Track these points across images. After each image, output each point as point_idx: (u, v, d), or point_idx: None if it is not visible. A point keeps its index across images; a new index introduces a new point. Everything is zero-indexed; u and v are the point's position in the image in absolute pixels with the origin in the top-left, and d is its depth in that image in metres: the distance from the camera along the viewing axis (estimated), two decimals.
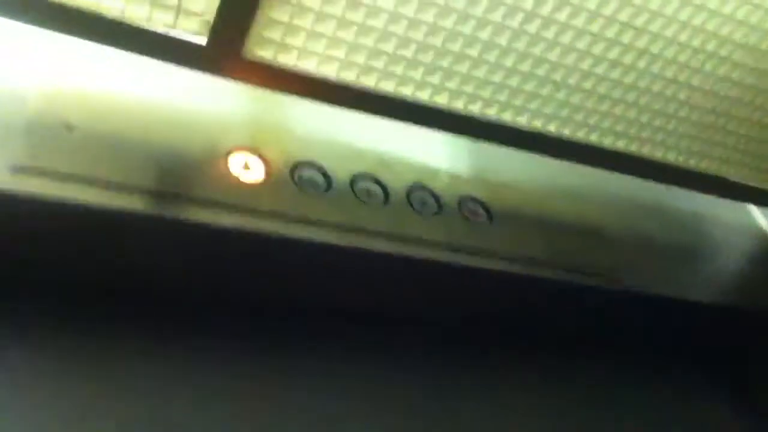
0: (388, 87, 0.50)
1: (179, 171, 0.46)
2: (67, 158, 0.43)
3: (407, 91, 0.50)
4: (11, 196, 0.40)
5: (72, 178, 0.42)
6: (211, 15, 0.44)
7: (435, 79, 0.50)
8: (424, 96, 0.51)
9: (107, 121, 0.46)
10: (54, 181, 0.42)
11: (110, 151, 0.45)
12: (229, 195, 0.47)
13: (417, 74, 0.50)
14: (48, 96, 0.45)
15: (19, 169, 0.41)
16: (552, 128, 0.55)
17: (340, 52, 0.47)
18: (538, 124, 0.55)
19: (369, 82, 0.49)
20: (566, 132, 0.55)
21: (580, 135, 0.55)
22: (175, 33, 0.44)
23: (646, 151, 0.57)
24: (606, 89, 0.53)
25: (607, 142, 0.56)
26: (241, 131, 0.50)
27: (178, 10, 0.43)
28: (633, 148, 0.57)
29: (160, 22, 0.44)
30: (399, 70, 0.49)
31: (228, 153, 0.49)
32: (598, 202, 0.63)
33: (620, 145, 0.56)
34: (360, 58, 0.48)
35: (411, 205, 0.53)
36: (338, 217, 0.49)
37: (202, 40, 0.45)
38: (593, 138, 0.55)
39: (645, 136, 0.56)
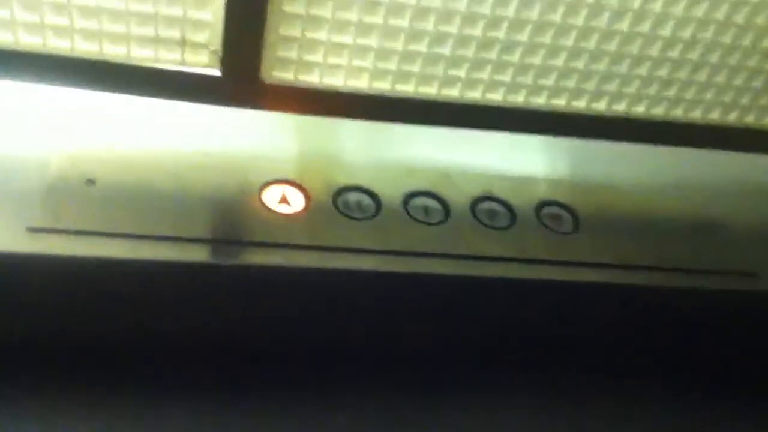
0: (429, 90, 0.44)
1: (209, 215, 0.43)
2: (89, 215, 0.41)
3: (454, 92, 0.44)
4: (29, 258, 0.39)
5: (94, 234, 0.40)
6: (218, 44, 0.40)
7: (483, 74, 0.44)
8: (475, 95, 0.45)
9: (131, 173, 0.43)
10: (75, 239, 0.40)
11: (134, 203, 0.42)
12: (265, 232, 0.43)
13: (461, 72, 0.43)
14: (70, 156, 0.43)
15: (38, 230, 0.40)
16: (639, 109, 0.47)
17: (367, 61, 0.42)
18: (619, 108, 0.47)
19: (407, 88, 0.44)
20: (657, 111, 0.47)
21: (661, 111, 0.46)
22: (186, 69, 0.41)
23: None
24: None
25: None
26: (274, 164, 0.46)
27: (183, 43, 0.40)
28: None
29: (167, 61, 0.41)
30: (438, 70, 0.43)
31: (262, 188, 0.45)
32: (711, 193, 0.53)
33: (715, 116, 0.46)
34: (391, 64, 0.42)
35: (477, 218, 0.47)
36: (389, 241, 0.44)
37: (215, 72, 0.41)
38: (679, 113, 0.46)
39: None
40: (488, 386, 0.48)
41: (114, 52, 0.40)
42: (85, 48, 0.40)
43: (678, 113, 0.47)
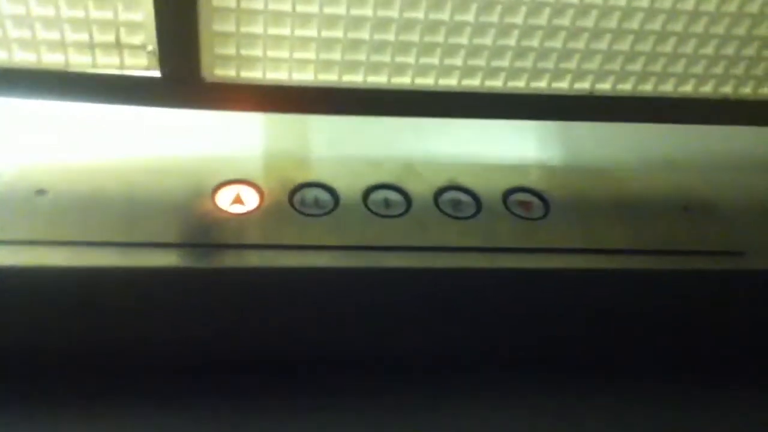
0: (379, 79, 0.43)
1: (162, 220, 0.42)
2: (40, 225, 0.41)
3: (405, 80, 0.43)
4: None
5: (45, 243, 0.40)
6: (154, 44, 0.40)
7: (434, 59, 0.42)
8: (427, 81, 0.43)
9: (82, 182, 0.43)
10: (25, 249, 0.40)
11: (86, 212, 0.42)
12: (219, 233, 0.42)
13: (409, 58, 0.42)
14: (20, 168, 0.43)
15: None
16: (605, 86, 0.45)
17: (309, 53, 0.41)
18: (583, 86, 0.45)
19: (355, 78, 0.42)
20: (624, 87, 0.45)
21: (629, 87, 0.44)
22: (126, 72, 0.41)
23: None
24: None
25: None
26: (228, 164, 0.46)
27: (119, 46, 0.40)
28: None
29: (107, 66, 0.40)
30: (386, 57, 0.42)
31: (215, 189, 0.44)
32: (692, 171, 0.50)
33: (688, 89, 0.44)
34: (335, 54, 0.41)
35: (440, 209, 0.45)
36: (347, 236, 0.43)
37: (156, 74, 0.41)
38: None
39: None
40: (458, 380, 0.47)
41: (52, 60, 0.40)
42: (22, 58, 0.40)
43: (647, 87, 0.45)
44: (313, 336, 0.46)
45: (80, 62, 0.40)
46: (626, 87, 0.45)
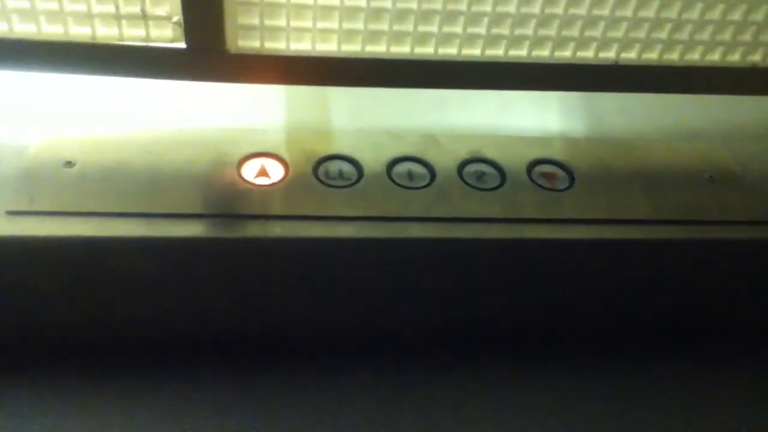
0: (403, 50, 0.43)
1: (188, 191, 0.43)
2: (68, 196, 0.41)
3: (428, 50, 0.43)
4: (8, 240, 0.39)
5: (74, 215, 0.41)
6: (179, 15, 0.40)
7: (458, 28, 0.42)
8: (451, 50, 0.43)
9: (109, 154, 0.44)
10: (54, 220, 0.40)
11: (113, 183, 0.42)
12: (244, 205, 0.43)
13: (432, 27, 0.42)
14: (48, 140, 0.44)
15: (17, 213, 0.40)
16: (630, 55, 0.44)
17: (332, 22, 0.41)
18: (608, 55, 0.44)
19: (378, 48, 0.42)
20: (650, 56, 0.44)
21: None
22: (152, 44, 0.41)
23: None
24: None
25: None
26: (254, 136, 0.46)
27: (145, 17, 0.40)
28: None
29: (133, 38, 0.41)
30: (408, 27, 0.42)
31: (241, 162, 0.44)
32: (719, 140, 0.50)
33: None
34: (358, 24, 0.41)
35: (464, 180, 0.45)
36: (370, 207, 0.43)
37: (181, 45, 0.41)
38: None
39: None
40: (482, 352, 0.47)
41: (79, 32, 0.40)
42: (50, 30, 0.40)
43: (673, 56, 0.45)
44: (338, 306, 0.46)
45: (107, 35, 0.41)
46: (652, 56, 0.44)
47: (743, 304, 0.49)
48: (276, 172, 0.44)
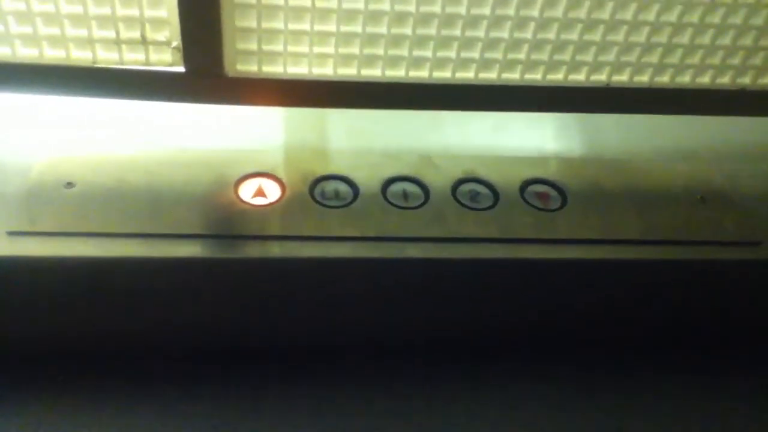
0: (398, 73, 0.43)
1: (186, 211, 0.43)
2: (68, 216, 0.42)
3: (422, 73, 0.44)
4: (9, 261, 0.40)
5: (74, 235, 0.42)
6: (178, 40, 0.41)
7: (451, 53, 0.43)
8: (445, 74, 0.44)
9: (109, 175, 0.44)
10: (55, 240, 0.41)
11: (113, 203, 0.43)
12: (241, 225, 0.43)
13: (427, 52, 0.43)
14: (49, 161, 0.45)
15: (17, 234, 0.41)
16: (622, 78, 0.45)
17: (329, 47, 0.42)
18: (600, 78, 0.45)
19: (373, 72, 0.43)
20: (642, 78, 0.45)
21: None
22: (151, 68, 0.42)
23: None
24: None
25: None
26: (250, 157, 0.47)
27: (145, 42, 0.41)
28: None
29: (133, 62, 0.42)
30: (403, 51, 0.42)
31: (238, 182, 0.45)
32: (709, 161, 0.50)
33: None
34: (354, 48, 0.42)
35: (458, 200, 0.46)
36: (366, 228, 0.44)
37: (180, 69, 0.42)
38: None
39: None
40: (475, 371, 0.47)
41: (81, 56, 0.41)
42: (52, 54, 0.41)
43: (664, 79, 0.45)
44: (333, 326, 0.47)
45: (107, 59, 0.41)
46: (643, 79, 0.45)
47: (734, 324, 0.50)
48: (273, 192, 0.45)
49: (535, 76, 0.44)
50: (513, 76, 0.44)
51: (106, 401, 0.44)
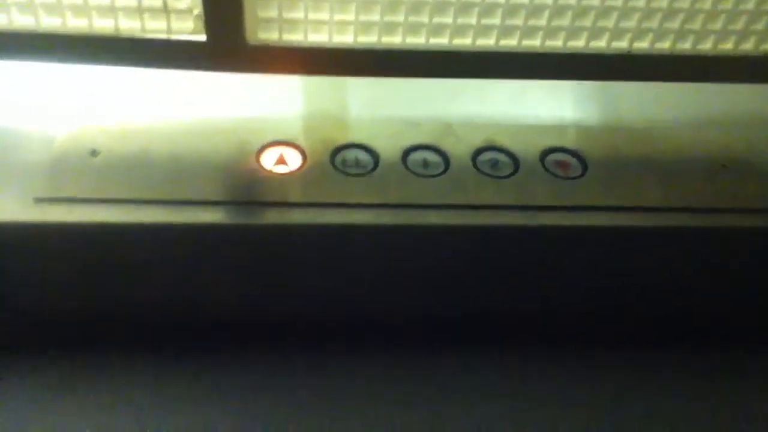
0: (418, 41, 0.43)
1: (208, 179, 0.44)
2: (93, 184, 0.43)
3: (442, 41, 0.43)
4: (37, 226, 0.41)
5: (98, 201, 0.42)
6: (199, 8, 0.41)
7: (470, 19, 0.43)
8: (465, 41, 0.44)
9: (132, 143, 0.45)
10: (80, 207, 0.42)
11: (136, 171, 0.44)
12: (263, 192, 0.44)
13: (447, 18, 0.43)
14: (74, 130, 0.45)
15: (44, 200, 0.42)
16: (643, 44, 0.45)
17: (349, 14, 0.42)
18: (621, 45, 0.45)
19: (394, 39, 0.43)
20: (663, 45, 0.45)
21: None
22: (173, 37, 0.42)
23: None
24: None
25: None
26: (272, 126, 0.47)
27: (167, 10, 0.41)
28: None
29: (155, 30, 0.42)
30: (424, 18, 0.42)
31: (260, 150, 0.46)
32: (730, 128, 0.50)
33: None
34: (374, 16, 0.42)
35: (478, 168, 0.46)
36: (386, 195, 0.44)
37: (202, 38, 0.42)
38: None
39: None
40: (496, 337, 0.48)
41: (103, 25, 0.41)
42: (75, 24, 0.41)
43: (686, 46, 0.45)
44: (353, 292, 0.47)
45: (130, 27, 0.42)
46: (665, 45, 0.45)
47: (757, 292, 0.50)
48: (294, 160, 0.46)
49: (556, 43, 0.44)
50: (534, 43, 0.44)
51: (128, 367, 0.45)
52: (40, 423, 0.41)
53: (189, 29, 0.42)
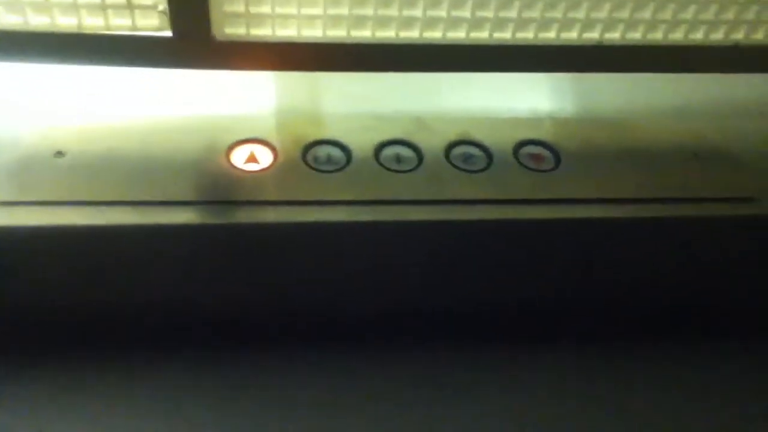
0: (388, 34, 0.43)
1: (177, 178, 0.43)
2: (59, 186, 0.42)
3: (413, 34, 0.43)
4: (1, 230, 0.40)
5: (65, 204, 0.41)
6: (164, 3, 0.40)
7: (441, 12, 0.42)
8: (435, 34, 0.43)
9: (99, 143, 0.44)
10: (45, 210, 0.41)
11: (104, 172, 0.43)
12: (234, 191, 0.43)
13: (417, 11, 0.42)
14: (39, 131, 0.44)
15: (8, 204, 0.41)
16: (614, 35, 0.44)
17: (317, 8, 0.41)
18: (592, 36, 0.44)
19: (364, 33, 0.43)
20: (634, 36, 0.44)
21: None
22: (138, 33, 0.41)
23: None
24: None
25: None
26: (242, 123, 0.46)
27: (131, 6, 0.40)
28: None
29: (119, 27, 0.41)
30: (393, 12, 0.42)
31: (229, 148, 0.45)
32: (702, 118, 0.50)
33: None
34: (343, 9, 0.42)
35: (451, 163, 0.46)
36: (359, 192, 0.44)
37: (167, 34, 0.41)
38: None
39: None
40: (473, 332, 0.47)
41: (66, 23, 0.41)
42: (37, 21, 0.40)
43: (657, 36, 0.45)
44: (328, 290, 0.47)
45: (93, 24, 0.41)
46: (636, 36, 0.44)
47: (730, 280, 0.50)
48: (265, 157, 0.45)
49: (527, 35, 0.44)
50: (504, 36, 0.44)
51: (100, 372, 0.44)
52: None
53: (154, 26, 0.41)
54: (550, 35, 0.44)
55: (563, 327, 0.48)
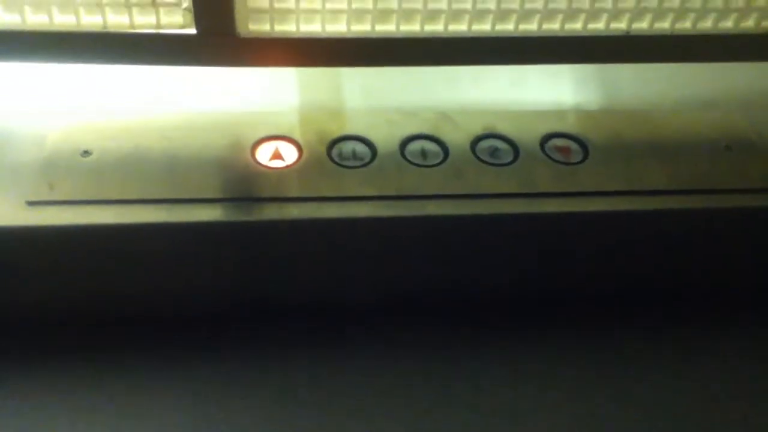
0: (412, 28, 0.42)
1: (203, 176, 0.43)
2: (86, 185, 0.42)
3: (438, 27, 0.43)
4: (29, 230, 0.40)
5: (92, 203, 0.41)
6: (188, 1, 0.40)
7: (465, 4, 0.42)
8: (460, 27, 0.43)
9: (125, 141, 0.44)
10: (73, 209, 0.41)
11: (130, 170, 0.43)
12: (259, 188, 0.43)
13: (442, 4, 0.42)
14: (65, 130, 0.44)
15: (37, 203, 0.41)
16: (642, 25, 0.44)
17: (342, 3, 0.41)
18: (620, 26, 0.44)
19: (388, 27, 0.42)
20: (662, 26, 0.44)
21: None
22: (163, 32, 0.41)
23: None
24: None
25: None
26: (267, 120, 0.46)
27: (155, 4, 0.40)
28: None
29: (144, 26, 0.41)
30: (417, 5, 0.42)
31: (254, 145, 0.45)
32: (731, 108, 0.49)
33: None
34: (368, 3, 0.41)
35: (477, 156, 0.45)
36: (385, 187, 0.43)
37: (192, 31, 0.41)
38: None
39: None
40: (499, 326, 0.47)
41: (91, 21, 0.41)
42: (62, 21, 0.40)
43: (686, 25, 0.44)
44: (354, 285, 0.47)
45: (118, 23, 0.41)
46: (664, 25, 0.44)
47: (762, 272, 0.49)
48: (290, 154, 0.45)
49: (553, 26, 0.43)
50: (530, 27, 0.43)
51: (127, 368, 0.44)
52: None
53: (178, 23, 0.41)
54: (576, 26, 0.43)
55: (593, 320, 0.47)
